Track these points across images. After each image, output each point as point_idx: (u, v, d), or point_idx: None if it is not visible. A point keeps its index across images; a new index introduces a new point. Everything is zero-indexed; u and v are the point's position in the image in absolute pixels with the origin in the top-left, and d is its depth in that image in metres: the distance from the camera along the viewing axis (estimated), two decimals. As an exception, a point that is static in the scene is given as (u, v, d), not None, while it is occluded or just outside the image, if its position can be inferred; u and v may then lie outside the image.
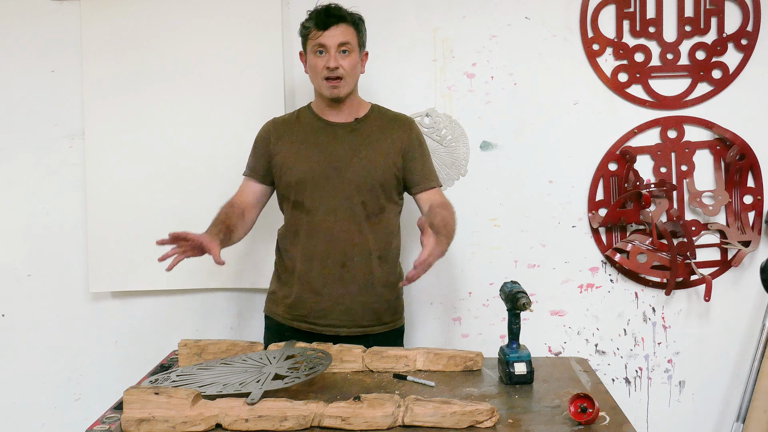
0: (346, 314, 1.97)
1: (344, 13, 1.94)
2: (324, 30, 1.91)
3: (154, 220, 2.35)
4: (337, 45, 1.91)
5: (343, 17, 1.93)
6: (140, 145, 2.35)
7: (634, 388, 2.44)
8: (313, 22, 1.93)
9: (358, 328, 1.98)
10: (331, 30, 1.91)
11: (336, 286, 1.96)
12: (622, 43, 2.34)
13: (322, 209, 1.95)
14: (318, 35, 1.91)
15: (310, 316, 1.98)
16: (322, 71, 1.92)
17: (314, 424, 1.42)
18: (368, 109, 2.05)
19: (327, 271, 1.96)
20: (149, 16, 2.34)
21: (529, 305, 1.66)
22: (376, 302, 1.99)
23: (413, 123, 2.07)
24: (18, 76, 2.38)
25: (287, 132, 2.03)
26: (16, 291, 2.43)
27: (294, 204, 1.99)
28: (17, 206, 2.41)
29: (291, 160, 1.98)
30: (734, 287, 2.40)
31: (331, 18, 1.91)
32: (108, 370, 2.42)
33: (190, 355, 1.80)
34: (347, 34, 1.93)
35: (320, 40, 1.91)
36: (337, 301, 1.96)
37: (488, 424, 1.42)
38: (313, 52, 1.94)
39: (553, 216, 2.40)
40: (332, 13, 1.92)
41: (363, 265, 1.96)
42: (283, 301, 2.02)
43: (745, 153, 2.35)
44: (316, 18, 1.93)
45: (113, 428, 1.47)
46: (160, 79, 2.35)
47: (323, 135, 1.99)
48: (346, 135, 1.99)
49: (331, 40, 1.91)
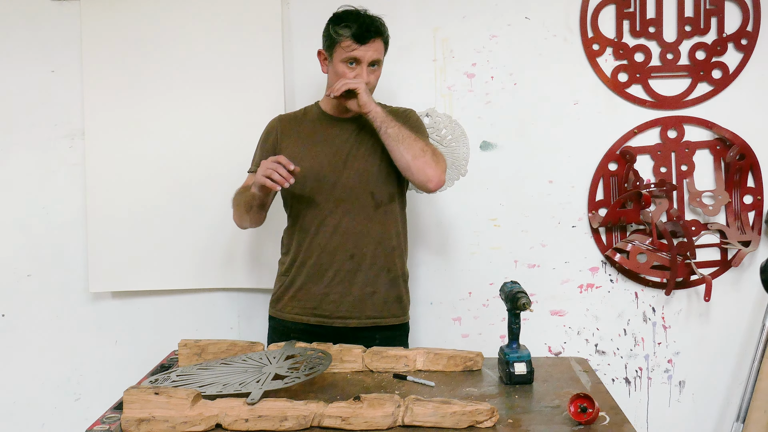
0: (356, 305, 1.97)
1: (381, 28, 1.93)
2: (361, 44, 1.89)
3: (154, 220, 2.36)
4: (370, 61, 1.91)
5: (379, 32, 1.92)
6: (140, 145, 2.36)
7: (634, 388, 2.44)
8: (350, 32, 1.89)
9: (368, 319, 1.98)
10: (369, 45, 1.89)
11: (345, 277, 1.97)
12: (622, 43, 2.34)
13: (331, 202, 1.96)
14: (353, 48, 1.89)
15: (319, 309, 1.99)
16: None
17: (314, 424, 1.42)
18: None
19: (337, 264, 1.96)
20: (149, 16, 2.35)
21: (529, 305, 1.66)
22: (385, 293, 2.00)
23: (412, 111, 2.09)
24: (18, 76, 2.38)
25: (293, 128, 2.04)
26: (16, 291, 2.43)
27: (301, 199, 1.99)
28: (17, 206, 2.41)
29: (298, 155, 1.98)
30: (734, 287, 2.40)
31: (371, 33, 1.89)
32: (108, 370, 2.43)
33: (190, 355, 1.80)
34: (380, 51, 1.93)
35: (355, 54, 1.89)
36: (345, 292, 1.97)
37: (488, 424, 1.42)
38: (343, 62, 1.92)
39: (553, 216, 2.40)
40: (371, 28, 1.90)
41: (371, 257, 1.97)
42: (292, 296, 2.02)
43: (745, 153, 2.35)
44: (356, 30, 1.89)
45: (113, 428, 1.47)
46: (160, 78, 2.35)
47: (329, 130, 2.01)
48: (353, 129, 2.00)
49: (365, 55, 1.90)
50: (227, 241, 2.37)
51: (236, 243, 2.38)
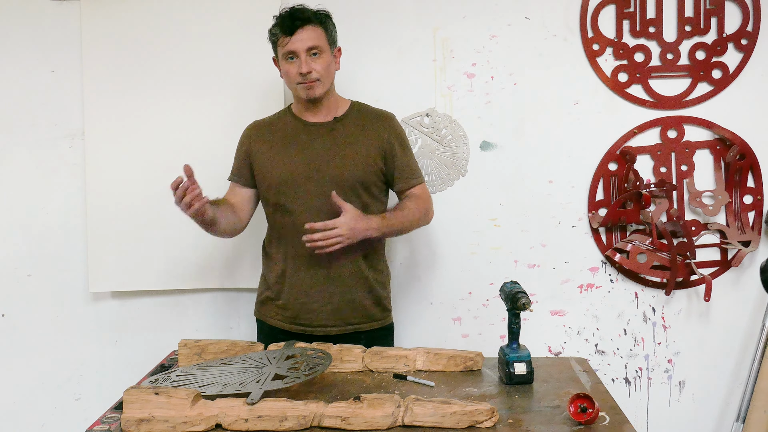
0: (336, 314, 1.97)
1: (309, 15, 1.91)
2: (291, 35, 1.88)
3: (154, 220, 2.35)
4: (307, 49, 1.89)
5: (308, 19, 1.90)
6: (140, 145, 2.35)
7: (634, 388, 2.44)
8: (279, 27, 1.90)
9: (348, 326, 1.98)
10: (298, 34, 1.88)
11: (324, 286, 1.96)
12: (622, 43, 2.34)
13: (305, 210, 1.94)
14: (286, 41, 1.89)
15: (300, 318, 1.98)
16: (296, 77, 1.91)
17: (314, 424, 1.43)
18: (348, 107, 2.04)
19: (314, 272, 1.96)
20: (149, 16, 2.34)
21: (529, 305, 1.66)
22: (364, 299, 1.99)
23: (393, 119, 2.06)
24: (18, 76, 2.38)
25: (267, 134, 2.03)
26: (16, 291, 2.42)
27: (276, 206, 1.99)
28: (17, 206, 2.41)
29: (271, 162, 1.98)
30: (734, 287, 2.40)
31: (297, 21, 1.88)
32: (108, 370, 2.43)
33: (190, 355, 1.80)
34: (315, 37, 1.90)
35: (289, 47, 1.89)
36: (325, 301, 1.96)
37: (488, 424, 1.42)
38: (284, 59, 1.92)
39: (553, 216, 2.40)
40: (297, 16, 1.89)
41: (349, 264, 1.96)
42: (274, 303, 2.02)
43: (745, 153, 2.35)
44: (282, 23, 1.90)
45: (113, 428, 1.47)
46: (160, 79, 2.35)
47: (302, 136, 1.99)
48: (326, 134, 1.98)
49: (299, 44, 1.88)
50: (227, 242, 2.36)
51: (236, 243, 2.37)
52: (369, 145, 1.98)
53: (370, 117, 2.03)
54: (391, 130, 2.02)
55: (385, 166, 2.00)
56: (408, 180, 2.02)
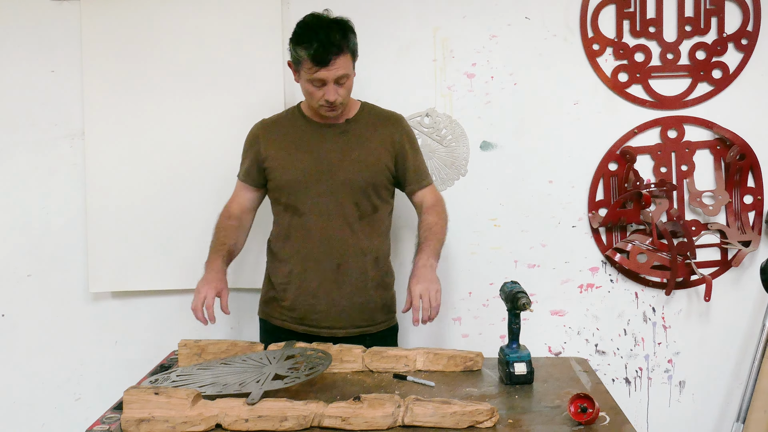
0: (343, 316, 1.96)
1: (341, 43, 1.80)
2: (323, 67, 1.79)
3: (154, 220, 2.35)
4: (336, 79, 1.83)
5: (340, 48, 1.80)
6: (140, 145, 2.35)
7: (634, 388, 2.44)
8: (309, 54, 1.79)
9: (355, 328, 1.98)
10: (330, 65, 1.79)
11: (331, 288, 1.95)
12: (622, 43, 2.34)
13: (315, 211, 1.94)
14: (315, 70, 1.80)
15: (306, 319, 1.98)
16: (320, 100, 1.86)
17: (314, 424, 1.42)
18: (358, 108, 2.03)
19: (322, 274, 1.95)
20: (149, 16, 2.34)
21: (529, 305, 1.66)
22: (371, 302, 1.99)
23: (403, 120, 2.06)
24: (18, 76, 2.38)
25: (277, 135, 2.01)
26: (16, 291, 2.42)
27: (286, 207, 1.98)
28: (17, 206, 2.41)
29: (282, 163, 1.97)
30: (734, 287, 2.40)
31: (330, 55, 1.78)
32: (108, 370, 2.43)
33: (190, 355, 1.80)
34: (345, 66, 1.82)
35: (318, 76, 1.81)
36: (333, 303, 1.96)
37: (488, 424, 1.42)
38: (309, 82, 1.85)
39: (553, 216, 2.40)
40: (330, 49, 1.78)
41: (357, 266, 1.96)
42: (279, 304, 2.02)
43: (745, 153, 2.35)
44: (314, 52, 1.78)
45: (113, 428, 1.47)
46: (160, 79, 2.35)
47: (314, 137, 1.98)
48: (337, 136, 1.97)
49: (330, 75, 1.81)
50: (227, 241, 2.37)
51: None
52: (380, 148, 1.97)
53: (381, 118, 2.02)
54: (402, 131, 2.02)
55: (395, 168, 2.00)
56: (419, 182, 2.02)
